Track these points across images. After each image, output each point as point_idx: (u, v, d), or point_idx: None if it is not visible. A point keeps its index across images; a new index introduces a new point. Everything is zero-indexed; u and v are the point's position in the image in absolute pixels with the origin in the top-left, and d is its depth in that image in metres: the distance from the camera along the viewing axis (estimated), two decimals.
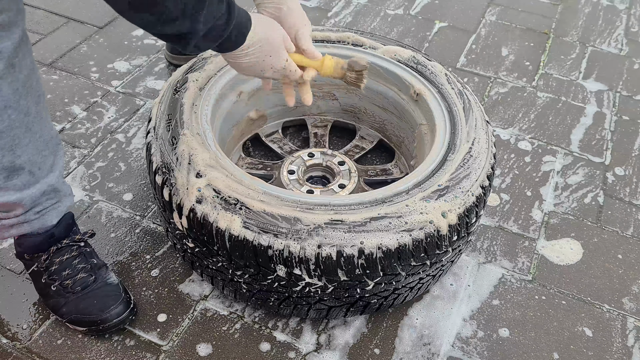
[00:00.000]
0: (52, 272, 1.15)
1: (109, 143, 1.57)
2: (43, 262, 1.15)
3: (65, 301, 1.14)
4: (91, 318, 1.13)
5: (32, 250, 1.15)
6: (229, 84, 1.32)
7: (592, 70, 1.97)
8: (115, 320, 1.13)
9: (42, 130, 1.02)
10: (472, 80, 1.88)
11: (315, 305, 1.11)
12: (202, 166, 1.07)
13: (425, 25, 2.12)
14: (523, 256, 1.38)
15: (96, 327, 1.13)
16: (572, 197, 1.53)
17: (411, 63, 1.38)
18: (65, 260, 1.15)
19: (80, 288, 1.14)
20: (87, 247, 1.20)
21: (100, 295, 1.15)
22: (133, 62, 1.84)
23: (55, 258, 1.15)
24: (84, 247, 1.19)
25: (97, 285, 1.15)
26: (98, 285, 1.15)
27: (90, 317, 1.13)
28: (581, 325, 1.26)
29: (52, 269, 1.15)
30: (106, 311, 1.13)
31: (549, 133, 1.71)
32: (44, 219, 1.11)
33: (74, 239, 1.17)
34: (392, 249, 1.00)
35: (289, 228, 1.00)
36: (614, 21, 2.23)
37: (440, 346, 1.19)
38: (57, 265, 1.15)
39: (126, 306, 1.15)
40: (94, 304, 1.13)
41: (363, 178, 1.41)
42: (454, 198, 1.07)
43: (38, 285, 1.18)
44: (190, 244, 1.09)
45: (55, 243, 1.15)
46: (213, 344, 1.16)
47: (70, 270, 1.15)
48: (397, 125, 1.47)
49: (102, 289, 1.15)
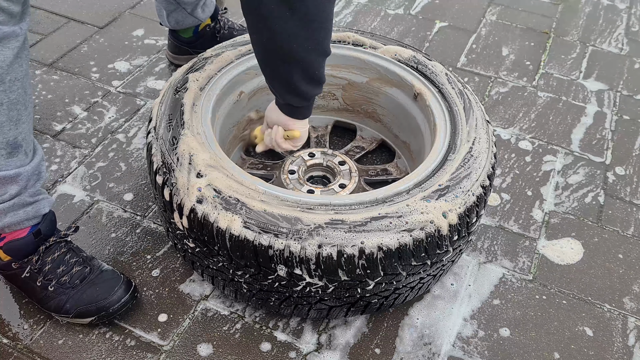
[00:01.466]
0: (47, 272, 1.14)
1: (110, 143, 1.57)
2: (35, 263, 1.14)
3: (67, 297, 1.14)
4: (98, 305, 1.13)
5: (21, 254, 1.14)
6: (230, 84, 1.32)
7: (592, 70, 1.97)
8: (123, 300, 1.15)
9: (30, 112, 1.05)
10: (473, 80, 1.88)
11: (315, 305, 1.11)
12: (202, 166, 1.07)
13: (426, 25, 2.12)
14: (524, 256, 1.38)
15: (105, 311, 1.14)
16: (572, 197, 1.53)
17: (412, 63, 1.38)
18: (57, 257, 1.15)
19: (79, 281, 1.15)
20: (71, 243, 1.21)
21: (101, 281, 1.16)
22: (133, 62, 1.84)
23: (46, 257, 1.15)
24: (70, 242, 1.20)
25: (94, 274, 1.17)
26: (95, 274, 1.17)
27: (97, 304, 1.13)
28: (582, 324, 1.26)
29: (45, 269, 1.14)
30: (112, 294, 1.14)
31: (550, 133, 1.71)
32: (38, 205, 1.12)
33: (60, 236, 1.18)
34: (393, 249, 1.00)
35: (290, 228, 1.00)
36: (615, 21, 2.23)
37: (441, 346, 1.19)
38: (50, 264, 1.15)
39: (128, 285, 1.17)
40: (96, 291, 1.14)
41: (364, 178, 1.41)
42: (455, 198, 1.07)
43: (34, 292, 1.16)
44: (190, 244, 1.10)
45: (43, 242, 1.15)
46: (214, 344, 1.16)
47: (64, 267, 1.15)
48: (398, 125, 1.47)
49: (100, 276, 1.17)
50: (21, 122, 1.01)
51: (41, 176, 1.12)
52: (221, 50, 1.35)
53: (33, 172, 1.08)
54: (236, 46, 1.37)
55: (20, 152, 1.04)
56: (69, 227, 1.20)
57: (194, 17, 1.67)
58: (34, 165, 1.08)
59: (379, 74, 1.40)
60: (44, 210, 1.13)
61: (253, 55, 1.36)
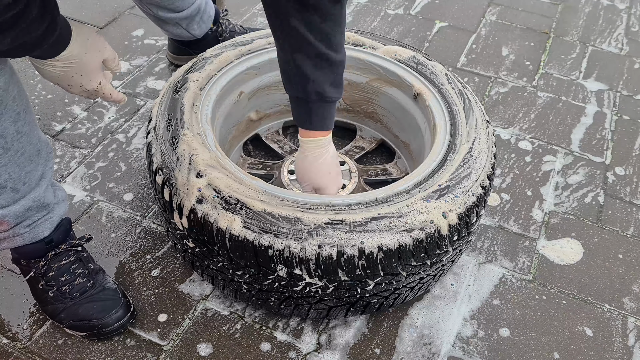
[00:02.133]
0: (50, 278, 1.14)
1: (110, 143, 1.57)
2: (41, 267, 1.13)
3: (64, 307, 1.13)
4: (91, 323, 1.12)
5: (28, 256, 1.14)
6: (230, 84, 1.32)
7: (592, 70, 1.97)
8: (115, 325, 1.13)
9: (25, 147, 0.97)
10: (473, 80, 1.88)
11: (315, 305, 1.11)
12: (202, 166, 1.07)
13: (426, 25, 2.12)
14: (523, 256, 1.38)
15: (96, 331, 1.13)
16: (572, 197, 1.53)
17: (411, 63, 1.38)
18: (62, 265, 1.14)
19: (79, 293, 1.14)
20: (83, 252, 1.19)
21: (100, 299, 1.14)
22: (133, 62, 1.84)
23: (52, 264, 1.14)
24: (81, 252, 1.18)
25: (96, 290, 1.15)
26: (97, 290, 1.15)
27: (90, 322, 1.12)
28: (582, 325, 1.26)
29: (49, 274, 1.13)
30: (107, 316, 1.13)
31: (550, 133, 1.71)
32: (35, 231, 1.09)
33: (71, 244, 1.16)
34: (393, 249, 1.00)
35: (290, 228, 1.00)
36: (615, 21, 2.23)
37: (440, 346, 1.20)
38: (55, 271, 1.14)
39: (126, 310, 1.15)
40: (93, 308, 1.13)
41: (363, 178, 1.41)
42: (455, 198, 1.07)
43: (35, 292, 1.16)
44: (190, 244, 1.10)
45: (53, 249, 1.14)
46: (214, 344, 1.16)
47: (68, 276, 1.14)
48: (398, 125, 1.47)
49: (100, 293, 1.15)
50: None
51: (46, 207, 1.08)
52: (221, 51, 1.35)
53: (26, 208, 1.03)
54: (236, 46, 1.37)
55: (3, 192, 0.97)
56: (82, 237, 1.19)
57: (189, 33, 1.66)
58: (32, 198, 1.03)
59: (379, 74, 1.40)
60: (43, 234, 1.10)
61: (253, 55, 1.36)
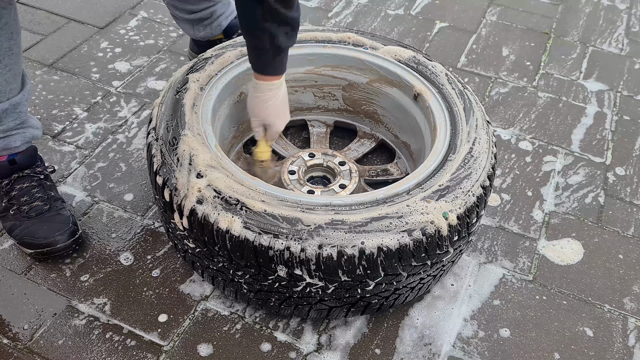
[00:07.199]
0: (12, 197, 1.28)
1: (110, 143, 1.57)
2: (4, 187, 1.28)
3: (20, 224, 1.26)
4: (38, 241, 1.23)
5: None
6: (230, 85, 1.32)
7: (592, 70, 1.97)
8: (59, 246, 1.24)
9: (12, 66, 1.15)
10: (473, 81, 1.88)
11: (316, 306, 1.11)
12: (202, 166, 1.07)
13: (426, 25, 2.12)
14: (524, 256, 1.38)
15: (41, 249, 1.24)
16: (572, 197, 1.53)
17: (412, 63, 1.38)
18: (25, 187, 1.28)
19: (35, 214, 1.26)
20: (47, 181, 1.32)
21: (51, 222, 1.25)
22: (134, 63, 1.84)
23: (16, 185, 1.28)
24: (44, 179, 1.31)
25: (50, 213, 1.27)
26: (51, 214, 1.27)
27: (37, 240, 1.24)
28: (582, 325, 1.26)
29: (12, 194, 1.28)
30: (51, 236, 1.23)
31: (550, 133, 1.71)
32: (8, 140, 1.23)
33: (35, 170, 1.30)
34: (393, 249, 1.00)
35: (290, 228, 1.00)
36: (615, 21, 2.23)
37: (441, 346, 1.20)
38: (17, 192, 1.28)
39: (71, 235, 1.26)
40: (43, 228, 1.24)
41: (364, 178, 1.41)
42: (455, 198, 1.07)
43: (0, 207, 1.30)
44: (191, 245, 1.10)
45: (17, 171, 1.28)
46: (214, 344, 1.16)
47: (27, 197, 1.27)
48: (398, 125, 1.47)
49: (54, 217, 1.26)
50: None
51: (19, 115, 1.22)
52: (222, 51, 1.35)
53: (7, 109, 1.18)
54: (237, 46, 1.37)
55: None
56: (47, 166, 1.35)
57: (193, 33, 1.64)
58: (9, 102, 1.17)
59: (379, 74, 1.40)
60: (15, 144, 1.24)
61: None
